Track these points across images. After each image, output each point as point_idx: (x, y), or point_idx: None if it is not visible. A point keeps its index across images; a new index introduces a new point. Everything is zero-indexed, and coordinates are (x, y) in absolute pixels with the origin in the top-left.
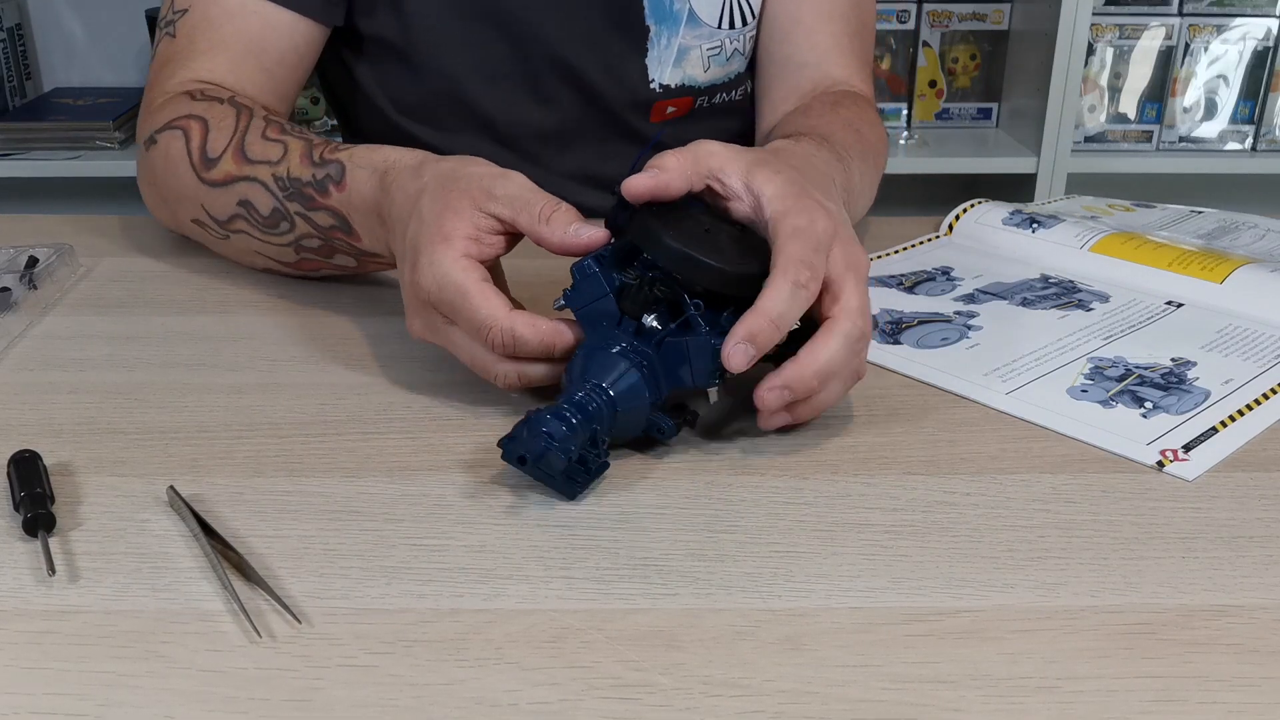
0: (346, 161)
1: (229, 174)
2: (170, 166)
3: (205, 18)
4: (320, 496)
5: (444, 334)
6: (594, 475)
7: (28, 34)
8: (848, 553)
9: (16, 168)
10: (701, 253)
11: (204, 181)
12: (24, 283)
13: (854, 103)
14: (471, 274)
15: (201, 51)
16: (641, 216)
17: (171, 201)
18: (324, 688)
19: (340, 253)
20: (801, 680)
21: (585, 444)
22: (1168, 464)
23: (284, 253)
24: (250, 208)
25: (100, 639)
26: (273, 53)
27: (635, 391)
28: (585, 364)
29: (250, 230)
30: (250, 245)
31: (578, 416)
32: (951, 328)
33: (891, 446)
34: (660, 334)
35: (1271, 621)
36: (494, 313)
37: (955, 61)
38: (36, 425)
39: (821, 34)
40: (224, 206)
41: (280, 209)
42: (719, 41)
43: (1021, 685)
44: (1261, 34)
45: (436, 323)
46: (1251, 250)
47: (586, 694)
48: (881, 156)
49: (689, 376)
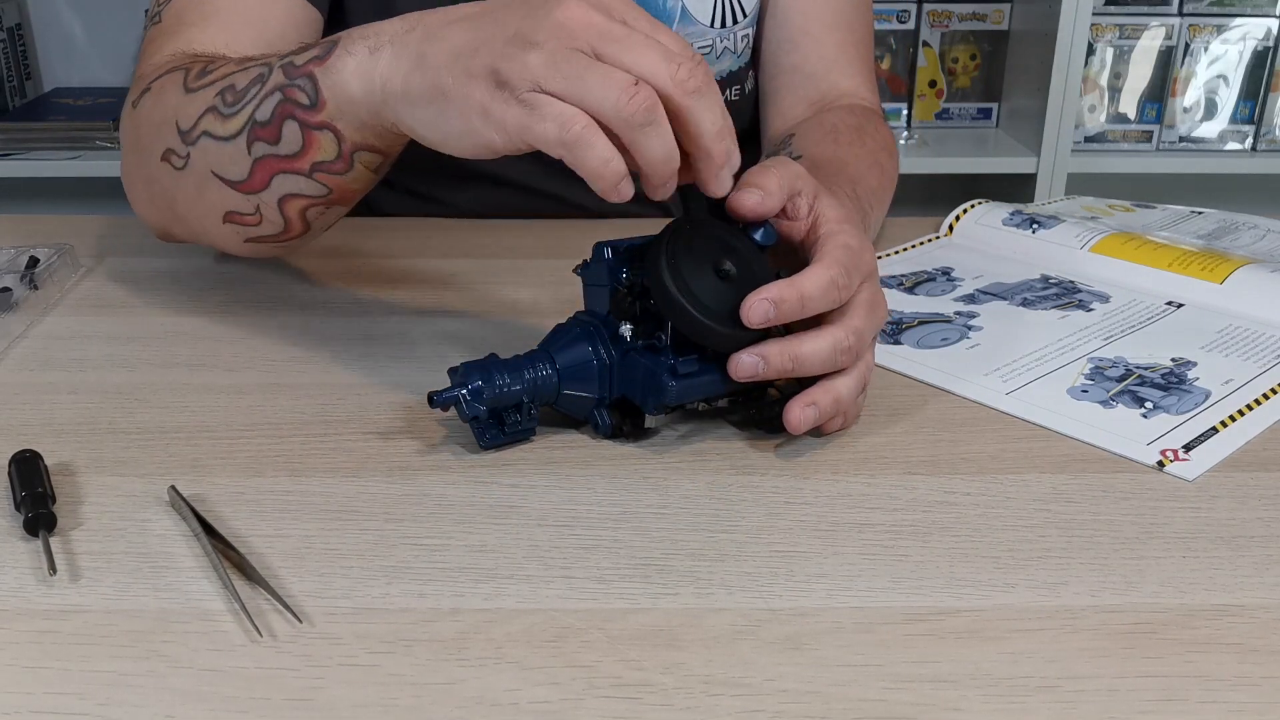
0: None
1: (224, 73)
2: (158, 100)
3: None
4: (321, 496)
5: (577, 66)
6: (510, 437)
7: (28, 34)
8: (848, 552)
9: (16, 168)
10: (691, 300)
11: (188, 90)
12: (25, 283)
13: (874, 128)
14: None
15: (191, 23)
16: (666, 233)
17: (147, 143)
18: (325, 687)
19: (292, 116)
20: (802, 680)
21: (508, 406)
22: (1168, 464)
23: (237, 155)
24: (227, 91)
25: (101, 638)
26: (274, 27)
27: (584, 380)
28: (555, 336)
29: (211, 125)
30: (206, 158)
31: (504, 378)
32: (952, 328)
33: (892, 446)
34: (626, 346)
35: (1272, 621)
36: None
37: (955, 61)
38: (37, 425)
39: (828, 43)
40: (196, 107)
41: (264, 73)
42: (710, 40)
43: (1022, 685)
44: (1261, 34)
45: (574, 51)
46: (1252, 251)
47: (587, 693)
48: (894, 181)
49: (638, 394)
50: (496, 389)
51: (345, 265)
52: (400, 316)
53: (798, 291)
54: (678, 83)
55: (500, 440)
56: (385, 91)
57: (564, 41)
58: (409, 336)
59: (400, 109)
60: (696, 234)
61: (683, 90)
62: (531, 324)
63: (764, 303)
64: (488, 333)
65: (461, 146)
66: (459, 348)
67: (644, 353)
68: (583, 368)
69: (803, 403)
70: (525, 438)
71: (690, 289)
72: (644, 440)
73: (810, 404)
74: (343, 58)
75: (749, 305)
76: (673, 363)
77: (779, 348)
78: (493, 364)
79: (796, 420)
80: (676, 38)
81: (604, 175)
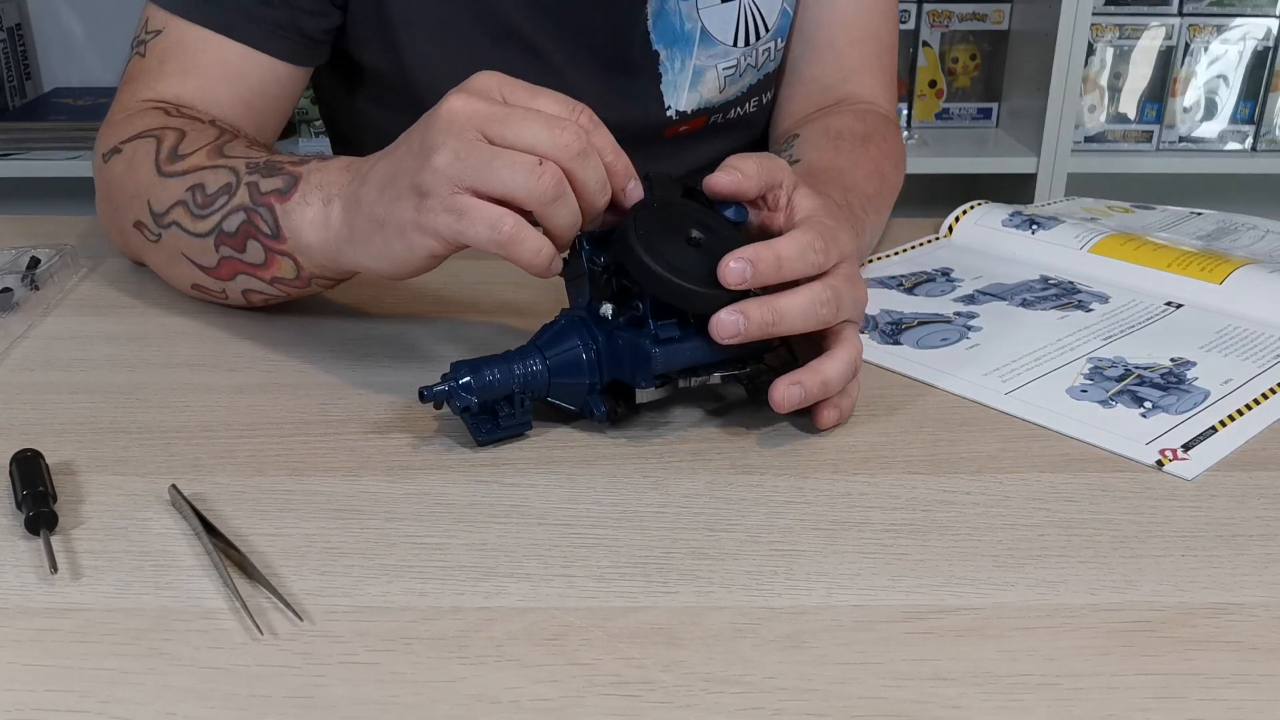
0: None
1: (194, 166)
2: (130, 169)
3: (180, 41)
4: (322, 495)
5: (481, 156)
6: (504, 431)
7: (28, 34)
8: (848, 551)
9: (16, 168)
10: (663, 264)
11: (161, 174)
12: (26, 283)
13: (883, 136)
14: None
15: (171, 73)
16: (633, 210)
17: (120, 205)
18: (325, 685)
19: (255, 238)
20: (802, 678)
21: (499, 400)
22: (1167, 463)
23: (205, 249)
24: (198, 190)
25: (102, 636)
26: (252, 83)
27: (574, 369)
28: (543, 331)
29: (182, 219)
30: (178, 242)
31: (494, 371)
32: (951, 328)
33: (891, 446)
34: (609, 325)
35: (1271, 619)
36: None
37: (955, 61)
38: (38, 425)
39: (852, 55)
40: (169, 196)
41: (232, 183)
42: (734, 60)
43: (1021, 683)
44: (1261, 34)
45: (472, 141)
46: (1251, 251)
47: (587, 691)
48: (898, 191)
49: (626, 372)
50: (486, 381)
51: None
52: (400, 316)
53: (774, 252)
54: (562, 147)
55: (496, 434)
56: (337, 240)
57: (457, 136)
58: (409, 336)
59: (349, 252)
60: (665, 211)
61: (568, 154)
62: (531, 324)
63: (740, 262)
64: (488, 333)
65: (410, 267)
66: (459, 348)
67: (626, 329)
68: (571, 356)
69: (788, 381)
70: (520, 432)
71: (662, 254)
72: (641, 440)
73: (795, 383)
74: (300, 207)
75: (725, 265)
76: (654, 330)
77: (758, 302)
78: (483, 359)
79: (780, 397)
80: (554, 98)
81: (536, 263)
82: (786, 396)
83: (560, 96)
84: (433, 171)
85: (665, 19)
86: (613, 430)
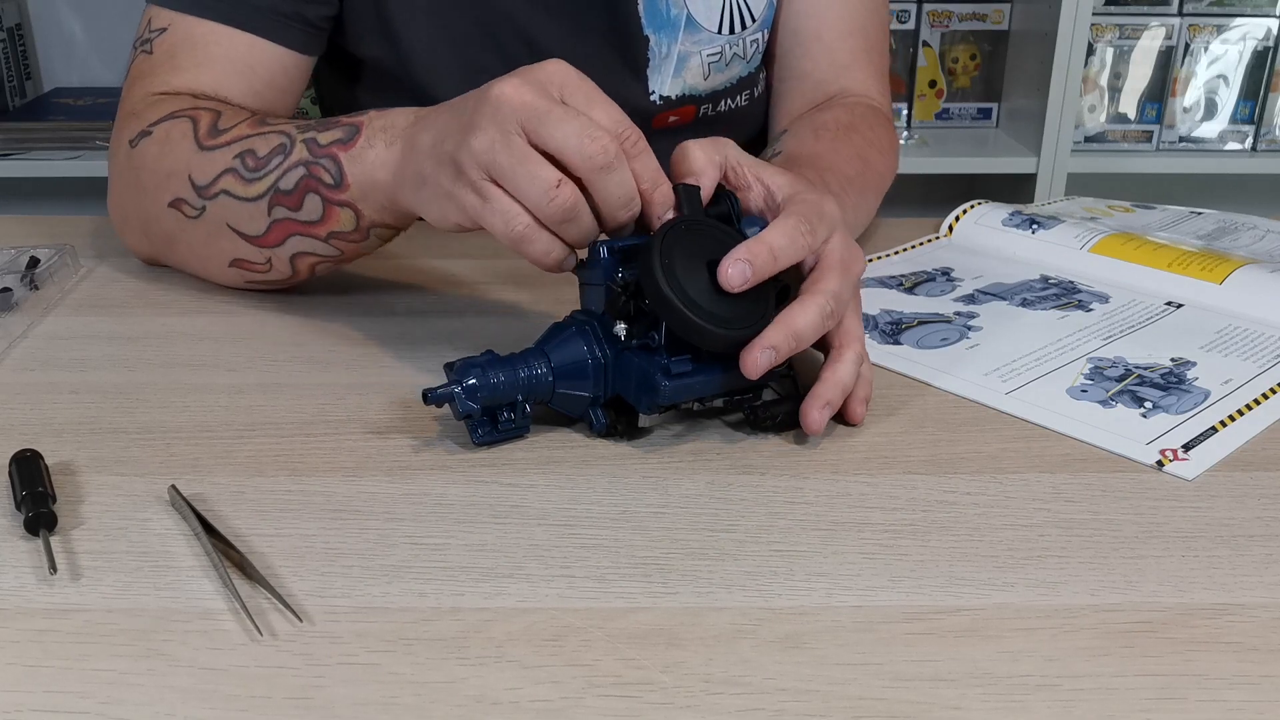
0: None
1: (239, 135)
2: (166, 148)
3: (188, 36)
4: (321, 495)
5: (512, 156)
6: (503, 434)
7: (28, 34)
8: (848, 551)
9: (16, 168)
10: (685, 300)
11: (203, 148)
12: (25, 283)
13: (869, 125)
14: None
15: (183, 67)
16: (660, 233)
17: (153, 187)
18: (325, 686)
19: (316, 190)
20: (802, 678)
21: (502, 404)
22: (1167, 463)
23: (256, 214)
24: (248, 155)
25: (102, 637)
26: (262, 74)
27: (578, 380)
28: (551, 334)
29: (232, 186)
30: (224, 213)
31: (499, 376)
32: (951, 328)
33: (891, 446)
34: (621, 345)
35: (1271, 620)
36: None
37: (955, 61)
38: (38, 425)
39: (842, 50)
40: (215, 166)
41: (286, 143)
42: (719, 48)
43: (1022, 683)
44: (1261, 34)
45: (510, 134)
46: (1251, 251)
47: (587, 692)
48: (887, 179)
49: (632, 394)
50: (491, 387)
51: (345, 265)
52: (400, 316)
53: (766, 245)
54: (586, 158)
55: (493, 437)
56: (398, 180)
57: (499, 125)
58: (409, 336)
59: (405, 193)
60: (691, 234)
61: (591, 166)
62: (531, 324)
63: (739, 263)
64: (488, 333)
65: (444, 224)
66: (459, 348)
67: (638, 352)
68: (578, 366)
69: (816, 406)
70: (518, 435)
71: (684, 289)
72: (639, 439)
73: (824, 405)
74: (366, 149)
75: (724, 270)
76: (666, 363)
77: (777, 332)
78: (488, 362)
79: (815, 423)
80: (608, 110)
81: (545, 263)
82: (821, 420)
83: (616, 111)
84: (469, 151)
85: (654, 4)
86: None
